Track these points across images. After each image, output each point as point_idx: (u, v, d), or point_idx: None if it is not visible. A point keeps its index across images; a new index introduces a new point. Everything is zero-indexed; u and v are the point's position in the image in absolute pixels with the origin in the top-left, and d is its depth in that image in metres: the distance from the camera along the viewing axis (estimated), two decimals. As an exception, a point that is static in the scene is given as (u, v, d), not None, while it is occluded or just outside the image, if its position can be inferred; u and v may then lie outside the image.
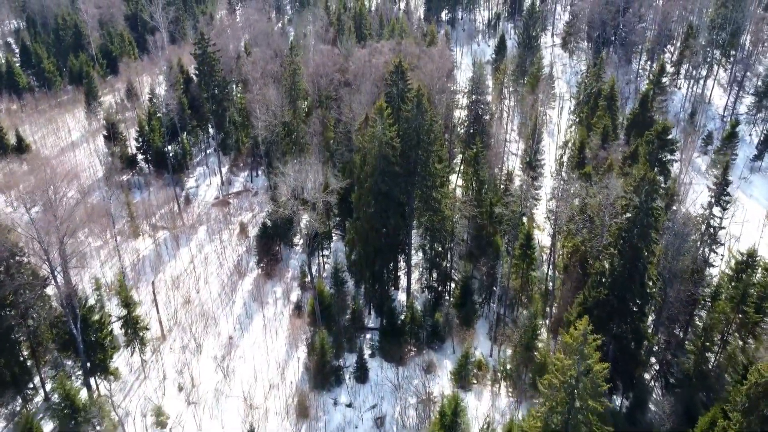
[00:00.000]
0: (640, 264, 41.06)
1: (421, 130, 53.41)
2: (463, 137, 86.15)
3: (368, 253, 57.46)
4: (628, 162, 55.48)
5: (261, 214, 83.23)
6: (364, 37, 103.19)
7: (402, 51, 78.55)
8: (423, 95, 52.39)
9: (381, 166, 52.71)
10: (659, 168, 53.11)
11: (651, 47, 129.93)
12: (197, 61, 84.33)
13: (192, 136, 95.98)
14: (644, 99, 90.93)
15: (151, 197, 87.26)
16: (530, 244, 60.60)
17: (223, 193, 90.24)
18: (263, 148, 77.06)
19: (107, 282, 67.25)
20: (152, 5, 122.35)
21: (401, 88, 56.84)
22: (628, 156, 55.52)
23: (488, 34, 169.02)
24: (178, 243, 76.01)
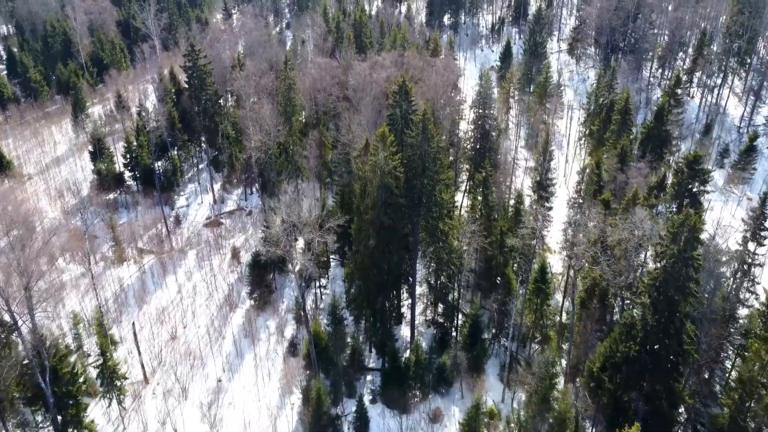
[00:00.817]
0: (677, 319, 36.27)
1: (427, 158, 48.53)
2: (469, 154, 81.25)
3: (369, 289, 52.62)
4: (654, 193, 50.72)
5: (254, 236, 78.35)
6: (365, 46, 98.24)
7: (405, 64, 73.65)
8: (429, 120, 47.46)
9: (383, 197, 47.84)
10: (689, 200, 48.39)
11: (662, 54, 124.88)
12: (187, 74, 79.43)
13: (183, 151, 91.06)
14: (659, 112, 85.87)
15: (139, 217, 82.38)
16: (545, 278, 55.72)
17: (215, 212, 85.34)
18: (257, 170, 72.16)
19: (87, 316, 62.31)
20: (144, 12, 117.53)
21: (405, 109, 51.93)
22: (655, 186, 50.76)
23: (492, 38, 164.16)
24: (165, 270, 71.07)
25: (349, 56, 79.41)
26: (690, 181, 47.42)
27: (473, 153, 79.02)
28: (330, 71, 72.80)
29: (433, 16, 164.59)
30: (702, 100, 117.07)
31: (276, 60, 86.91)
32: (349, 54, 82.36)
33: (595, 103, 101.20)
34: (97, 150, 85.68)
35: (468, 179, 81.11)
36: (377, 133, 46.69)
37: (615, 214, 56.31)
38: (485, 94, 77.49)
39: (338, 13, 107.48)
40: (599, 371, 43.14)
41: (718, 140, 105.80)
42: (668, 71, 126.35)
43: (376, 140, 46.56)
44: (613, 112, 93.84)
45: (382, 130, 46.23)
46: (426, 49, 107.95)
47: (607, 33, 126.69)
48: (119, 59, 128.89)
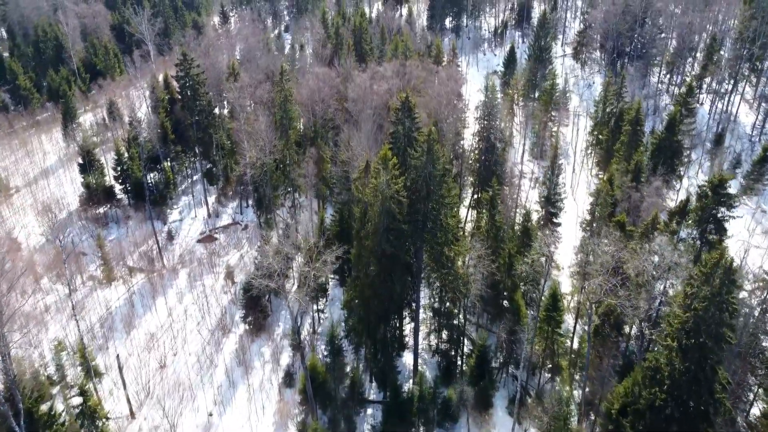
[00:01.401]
0: (709, 367, 32.98)
1: (432, 180, 45.15)
2: (473, 166, 77.87)
3: (369, 318, 49.26)
4: (677, 218, 47.42)
5: (250, 253, 75.04)
6: (365, 53, 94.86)
7: (407, 74, 70.27)
8: (434, 140, 44.08)
9: (385, 222, 44.46)
10: (714, 226, 45.12)
11: (670, 60, 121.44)
12: (179, 84, 76.00)
13: (177, 162, 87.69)
14: (671, 122, 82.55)
15: (130, 233, 79.03)
16: (557, 305, 52.37)
17: (209, 227, 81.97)
18: (251, 187, 68.82)
19: (71, 342, 58.94)
20: (138, 16, 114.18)
21: (408, 126, 48.52)
22: (676, 212, 47.47)
23: (495, 42, 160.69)
24: (155, 291, 67.70)
25: (349, 65, 76.01)
26: (715, 206, 44.16)
27: (478, 165, 75.65)
28: (329, 81, 69.40)
29: (434, 19, 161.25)
30: (712, 107, 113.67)
31: (273, 68, 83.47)
32: (349, 62, 78.98)
33: (602, 112, 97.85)
34: (87, 162, 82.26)
35: (473, 193, 77.77)
36: (379, 155, 43.34)
37: (631, 237, 53.00)
38: (490, 104, 74.10)
39: (337, 18, 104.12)
40: (618, 414, 39.80)
41: (729, 149, 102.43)
42: (677, 77, 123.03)
43: (378, 163, 43.20)
44: (623, 122, 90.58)
45: (383, 152, 42.87)
46: (428, 56, 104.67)
47: (613, 38, 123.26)
48: (113, 65, 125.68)
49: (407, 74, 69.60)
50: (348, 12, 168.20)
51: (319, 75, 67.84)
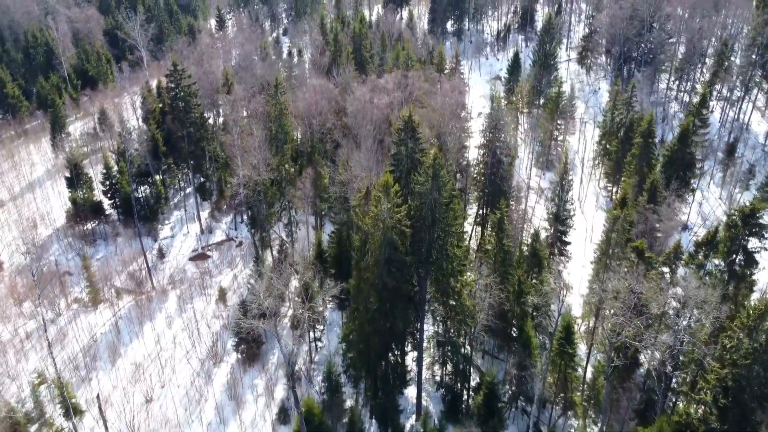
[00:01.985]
0: (751, 429, 29.50)
1: (438, 208, 41.60)
2: (478, 179, 74.26)
3: (369, 354, 45.69)
4: (704, 250, 43.94)
5: (244, 273, 71.55)
6: (365, 61, 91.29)
7: (409, 85, 66.70)
8: (440, 165, 40.53)
9: (386, 254, 40.90)
10: (744, 258, 41.70)
11: (679, 66, 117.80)
12: (170, 95, 72.42)
13: (169, 175, 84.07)
14: (684, 133, 79.03)
15: (119, 251, 75.51)
16: (570, 338, 48.83)
17: (202, 244, 78.41)
18: (245, 206, 65.31)
19: (53, 373, 55.34)
20: (130, 21, 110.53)
21: (411, 147, 44.99)
22: (704, 243, 44.00)
23: (497, 46, 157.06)
24: (143, 315, 64.14)
25: (348, 75, 72.44)
26: (745, 237, 40.74)
27: (483, 178, 72.01)
28: (326, 93, 65.81)
29: (435, 23, 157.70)
30: (722, 115, 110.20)
31: (269, 77, 79.89)
32: (348, 72, 75.40)
33: (611, 121, 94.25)
34: (74, 176, 78.67)
35: (478, 208, 74.17)
36: (380, 182, 39.82)
37: (650, 264, 49.41)
38: (496, 116, 70.48)
39: (336, 24, 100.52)
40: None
41: (742, 159, 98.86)
42: (685, 83, 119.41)
43: (379, 190, 39.66)
44: (633, 133, 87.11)
45: (384, 178, 39.33)
46: (430, 62, 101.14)
47: (620, 43, 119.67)
48: (105, 71, 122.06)
49: (409, 86, 66.00)
50: (347, 15, 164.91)
51: (316, 87, 64.18)
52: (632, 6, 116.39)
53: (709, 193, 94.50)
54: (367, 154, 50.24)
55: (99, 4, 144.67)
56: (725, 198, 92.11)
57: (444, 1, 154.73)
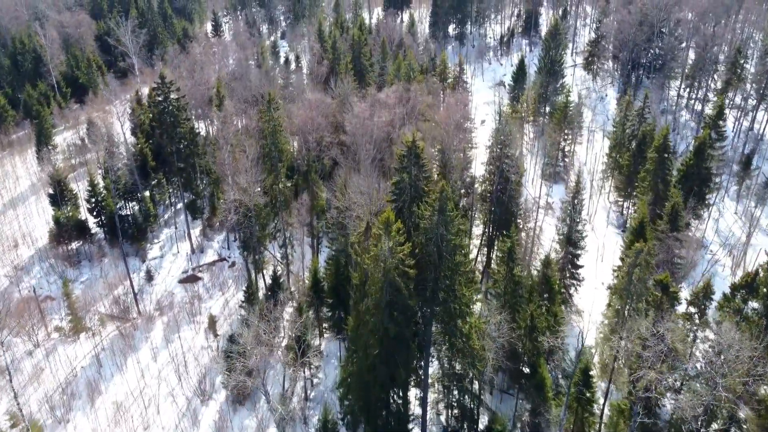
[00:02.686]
0: None
1: (446, 246, 37.50)
2: (483, 196, 70.10)
3: (369, 404, 41.56)
4: (742, 293, 39.87)
5: (236, 297, 67.51)
6: (364, 69, 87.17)
7: (411, 99, 62.59)
8: (448, 198, 36.43)
9: (388, 296, 36.79)
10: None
11: (690, 73, 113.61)
12: (157, 110, 68.31)
13: (159, 191, 79.96)
14: (700, 147, 75.16)
15: (104, 273, 71.42)
16: (589, 382, 44.77)
17: (192, 264, 74.31)
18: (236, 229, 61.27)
19: (30, 412, 51.29)
20: (121, 27, 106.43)
21: (415, 175, 40.89)
22: (742, 285, 40.00)
23: (501, 51, 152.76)
24: (127, 346, 60.05)
25: (347, 87, 68.27)
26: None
27: (489, 196, 67.82)
28: (323, 109, 61.62)
29: (437, 26, 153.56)
30: (736, 124, 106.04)
31: (263, 90, 75.65)
32: (346, 83, 71.24)
33: (621, 132, 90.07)
34: (58, 193, 74.58)
35: (485, 228, 70.04)
36: (382, 219, 35.72)
37: (675, 299, 45.36)
38: (504, 131, 66.26)
39: (335, 31, 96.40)
40: None
41: (758, 172, 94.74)
42: (696, 91, 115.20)
43: (379, 227, 35.57)
44: (646, 146, 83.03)
45: (386, 215, 35.22)
46: (433, 71, 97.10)
47: (629, 49, 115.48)
48: (96, 78, 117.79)
49: (411, 99, 61.85)
50: (347, 18, 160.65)
51: (312, 102, 59.99)
52: (641, 11, 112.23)
53: (724, 207, 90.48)
54: (366, 179, 46.08)
55: (91, 8, 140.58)
56: (741, 213, 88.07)
57: (446, 5, 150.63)
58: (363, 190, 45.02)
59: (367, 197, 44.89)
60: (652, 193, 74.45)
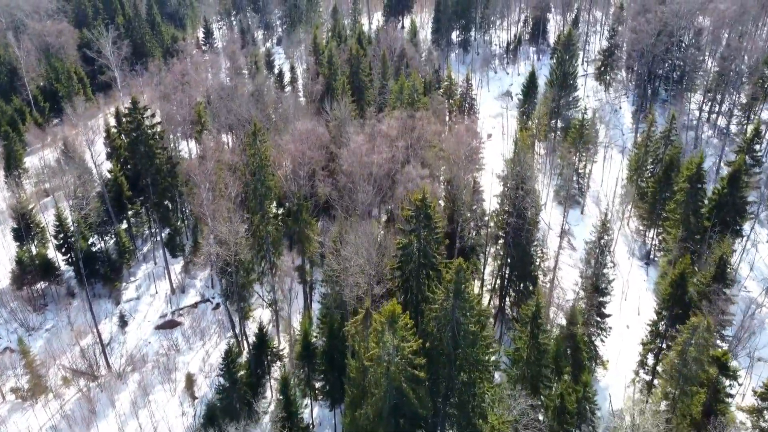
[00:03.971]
0: None
1: (465, 338, 29.99)
2: (495, 232, 62.50)
3: None
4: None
5: (219, 348, 60.05)
6: (363, 86, 79.55)
7: (416, 128, 55.06)
8: (464, 276, 28.94)
9: (393, 400, 29.25)
10: None
11: (710, 86, 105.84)
12: (129, 138, 60.80)
13: (137, 221, 72.39)
14: (734, 176, 67.83)
15: (72, 319, 63.92)
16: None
17: (171, 307, 66.82)
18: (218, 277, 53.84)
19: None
20: (103, 38, 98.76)
21: (425, 237, 33.36)
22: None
23: (507, 59, 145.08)
24: (93, 412, 52.54)
25: (344, 110, 60.66)
26: None
27: (504, 236, 60.15)
28: (316, 140, 54.00)
29: (440, 33, 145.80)
30: (764, 143, 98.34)
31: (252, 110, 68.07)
32: (343, 105, 63.63)
33: (644, 154, 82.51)
34: (23, 227, 67.08)
35: (499, 272, 62.27)
36: (385, 310, 28.26)
37: (735, 377, 37.86)
38: (520, 161, 58.44)
39: (331, 43, 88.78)
40: None
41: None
42: (719, 105, 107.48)
43: (383, 322, 28.06)
44: (673, 172, 75.58)
45: (390, 308, 27.79)
46: (437, 84, 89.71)
47: (647, 60, 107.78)
48: (77, 91, 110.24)
49: (417, 129, 54.27)
50: (345, 25, 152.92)
51: (303, 134, 52.32)
52: (660, 19, 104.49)
53: (756, 236, 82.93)
54: (365, 236, 38.49)
55: (75, 16, 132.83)
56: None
57: (449, 10, 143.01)
58: (361, 251, 37.43)
59: (365, 256, 37.37)
60: (683, 227, 67.00)
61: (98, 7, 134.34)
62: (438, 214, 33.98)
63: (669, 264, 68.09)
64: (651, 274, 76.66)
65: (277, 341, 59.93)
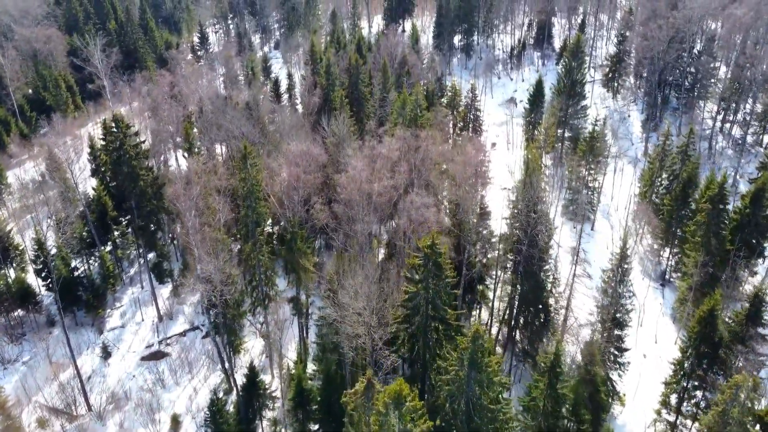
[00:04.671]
0: None
1: (479, 413, 25.78)
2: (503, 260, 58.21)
3: None
4: None
5: (209, 381, 56.02)
6: (362, 98, 75.36)
7: (422, 148, 50.88)
8: (482, 346, 24.77)
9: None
10: None
11: (728, 95, 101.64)
12: (110, 159, 56.56)
13: (123, 241, 68.15)
14: (758, 194, 63.77)
15: (52, 350, 59.72)
16: None
17: (159, 336, 62.66)
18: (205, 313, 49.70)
19: None
20: (90, 45, 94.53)
21: (434, 287, 29.19)
22: None
23: (511, 64, 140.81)
24: (68, 460, 48.42)
25: (342, 128, 56.45)
26: None
27: (514, 266, 55.85)
28: (312, 161, 49.78)
29: (441, 37, 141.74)
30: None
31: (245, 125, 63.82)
32: (342, 119, 59.43)
33: (659, 168, 78.25)
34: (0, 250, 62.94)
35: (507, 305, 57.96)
36: (389, 390, 24.11)
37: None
38: (532, 184, 54.22)
39: (329, 51, 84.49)
40: None
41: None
42: (733, 114, 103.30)
43: (388, 401, 23.90)
44: (691, 189, 71.53)
45: (396, 387, 23.64)
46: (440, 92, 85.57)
47: (657, 67, 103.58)
48: (66, 100, 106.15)
49: (422, 150, 50.02)
50: (344, 28, 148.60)
51: (297, 156, 47.91)
52: (672, 25, 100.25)
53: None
54: (365, 283, 34.21)
55: (65, 20, 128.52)
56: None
57: (451, 14, 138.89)
58: (361, 300, 33.13)
59: (365, 304, 33.17)
60: (704, 250, 62.81)
61: (89, 12, 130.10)
62: (448, 262, 29.77)
63: (689, 290, 64.00)
64: (667, 296, 72.55)
65: (271, 375, 55.88)
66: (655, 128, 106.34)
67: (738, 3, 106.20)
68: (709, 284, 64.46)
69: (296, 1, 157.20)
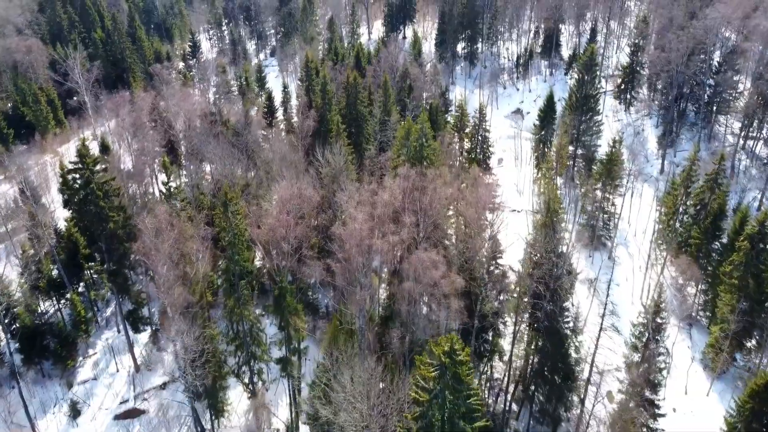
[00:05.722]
0: None
1: None
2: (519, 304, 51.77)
3: None
4: None
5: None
6: (361, 119, 68.96)
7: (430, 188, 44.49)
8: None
9: None
10: None
11: (751, 111, 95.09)
12: (77, 196, 50.08)
13: (99, 279, 61.81)
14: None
15: (13, 407, 53.25)
16: None
17: (135, 391, 56.26)
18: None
19: None
20: (69, 57, 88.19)
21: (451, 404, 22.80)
22: None
23: (517, 73, 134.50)
24: None
25: (339, 161, 50.13)
26: None
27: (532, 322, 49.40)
28: (304, 201, 43.48)
29: (444, 46, 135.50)
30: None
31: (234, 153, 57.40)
32: (337, 151, 53.11)
33: (684, 195, 71.84)
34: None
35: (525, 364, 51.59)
36: None
37: None
38: (553, 232, 47.83)
39: (325, 67, 77.92)
40: None
41: None
42: (756, 131, 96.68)
43: None
44: (721, 221, 65.36)
45: None
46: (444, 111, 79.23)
47: (676, 81, 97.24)
48: (47, 115, 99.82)
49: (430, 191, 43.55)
50: (342, 34, 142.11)
51: (285, 201, 41.48)
52: (693, 36, 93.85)
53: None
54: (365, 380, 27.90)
55: (48, 29, 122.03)
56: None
57: (454, 21, 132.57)
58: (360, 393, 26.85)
59: (365, 402, 26.85)
60: (741, 294, 56.50)
61: (74, 20, 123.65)
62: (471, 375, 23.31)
63: (724, 337, 57.74)
64: (695, 338, 66.41)
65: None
66: (672, 144, 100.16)
67: (762, 11, 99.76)
68: (746, 331, 58.46)
69: (293, 6, 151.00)
